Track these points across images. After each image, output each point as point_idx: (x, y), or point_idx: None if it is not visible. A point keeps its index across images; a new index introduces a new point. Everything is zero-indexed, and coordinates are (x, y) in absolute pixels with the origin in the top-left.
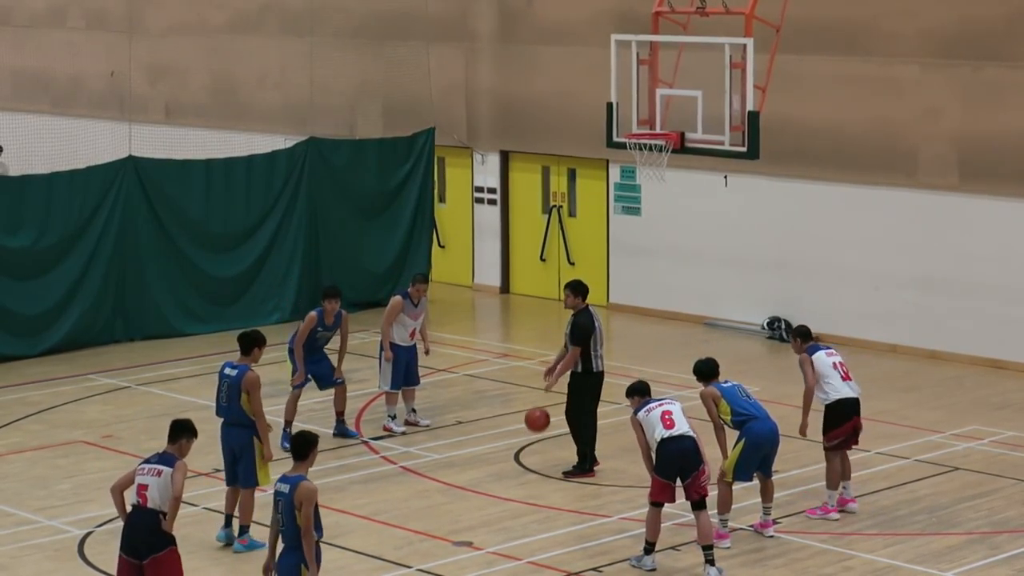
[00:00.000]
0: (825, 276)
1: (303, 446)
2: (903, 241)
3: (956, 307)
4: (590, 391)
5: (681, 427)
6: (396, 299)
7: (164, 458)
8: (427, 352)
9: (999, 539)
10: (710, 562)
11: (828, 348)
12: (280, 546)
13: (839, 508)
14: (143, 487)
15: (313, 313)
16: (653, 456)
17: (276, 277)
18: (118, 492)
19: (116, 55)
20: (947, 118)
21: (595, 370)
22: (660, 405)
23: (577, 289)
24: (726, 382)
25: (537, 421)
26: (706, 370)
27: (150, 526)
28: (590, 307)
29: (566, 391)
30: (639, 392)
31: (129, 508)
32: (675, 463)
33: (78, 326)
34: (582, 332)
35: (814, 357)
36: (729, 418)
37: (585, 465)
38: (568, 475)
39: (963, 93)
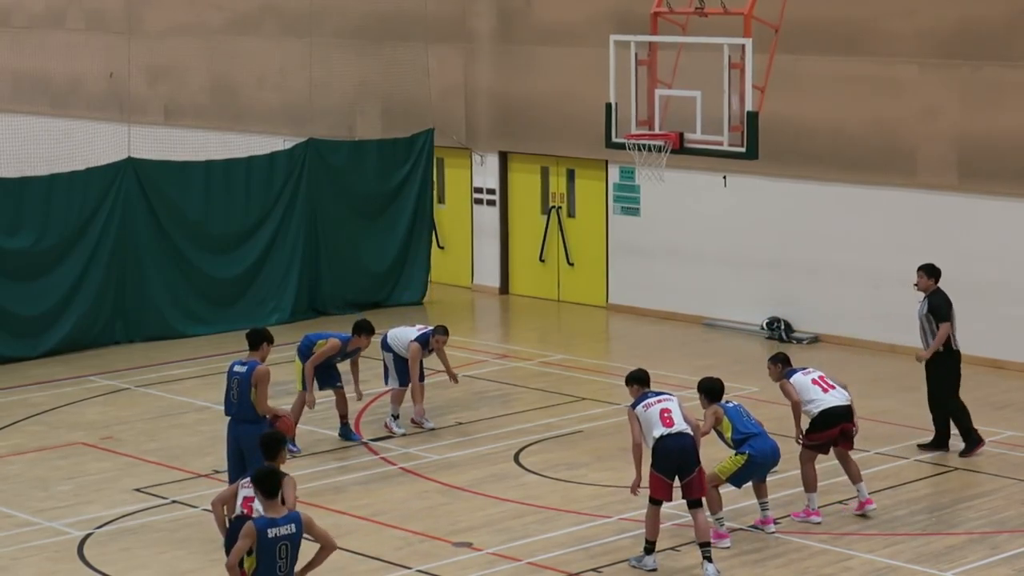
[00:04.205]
0: (825, 276)
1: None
2: (903, 241)
3: (956, 307)
4: (954, 370)
5: (680, 425)
6: (416, 347)
7: None
8: (454, 380)
9: (999, 539)
10: (707, 559)
11: (804, 368)
12: None
13: (858, 512)
14: (249, 499)
15: (338, 341)
16: (650, 453)
17: (276, 278)
18: (219, 505)
19: (115, 56)
20: (946, 118)
21: (955, 348)
22: (659, 402)
23: (931, 271)
24: (728, 402)
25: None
26: (713, 390)
27: None
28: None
29: (926, 374)
30: (639, 381)
31: (233, 517)
32: (674, 460)
33: (78, 327)
34: (946, 307)
35: (792, 380)
36: (729, 435)
37: (972, 438)
38: (964, 454)
39: (962, 93)
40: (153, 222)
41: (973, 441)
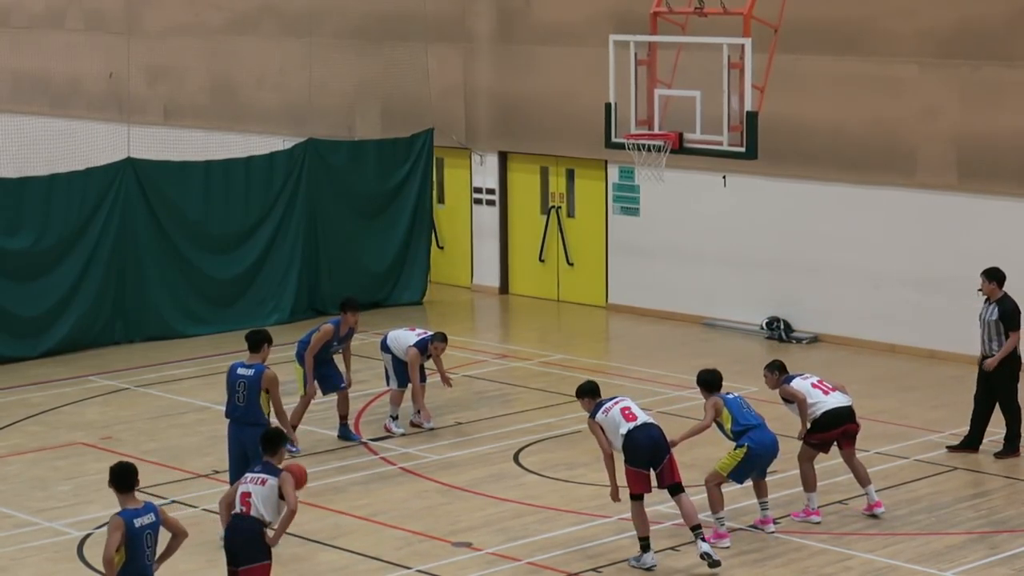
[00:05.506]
0: (824, 276)
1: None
2: (902, 241)
3: (956, 307)
4: (1016, 375)
5: (643, 417)
6: (414, 352)
7: (267, 468)
8: (448, 384)
9: (999, 539)
10: (701, 539)
11: (801, 374)
12: None
13: (867, 512)
14: (246, 495)
15: (329, 325)
16: (621, 449)
17: (275, 278)
18: (226, 505)
19: (115, 56)
20: (946, 117)
21: (1018, 355)
22: (616, 403)
23: (992, 275)
24: (728, 393)
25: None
26: (712, 381)
27: (249, 532)
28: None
29: (984, 378)
30: (590, 393)
31: (232, 515)
32: (645, 451)
33: (77, 327)
34: (1017, 314)
35: (791, 384)
36: (729, 426)
37: (1014, 445)
38: (1000, 455)
39: (962, 92)
40: (153, 222)
41: (1013, 448)
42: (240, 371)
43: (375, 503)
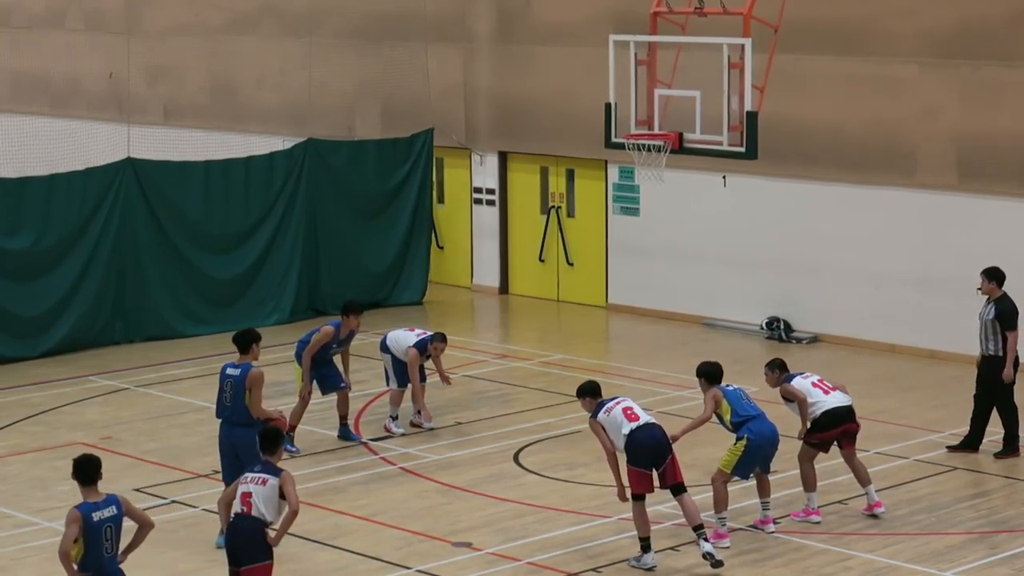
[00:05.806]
0: (824, 276)
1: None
2: (902, 241)
3: (956, 307)
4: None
5: (645, 417)
6: (414, 353)
7: (267, 468)
8: (447, 382)
9: (999, 539)
10: (704, 539)
11: (801, 373)
12: None
13: (867, 512)
14: (247, 495)
15: (330, 328)
16: (623, 449)
17: (275, 278)
18: (225, 505)
19: (115, 56)
20: (946, 117)
21: (1016, 354)
22: (617, 403)
23: (992, 275)
24: (728, 386)
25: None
26: (712, 373)
27: (251, 532)
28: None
29: (984, 376)
30: (590, 393)
31: (233, 515)
32: (647, 451)
33: (77, 328)
34: (1014, 315)
35: (792, 383)
36: (728, 417)
37: (1014, 445)
38: (1000, 455)
39: (962, 92)
40: (153, 222)
41: (1013, 448)
42: (229, 371)
43: (375, 503)
